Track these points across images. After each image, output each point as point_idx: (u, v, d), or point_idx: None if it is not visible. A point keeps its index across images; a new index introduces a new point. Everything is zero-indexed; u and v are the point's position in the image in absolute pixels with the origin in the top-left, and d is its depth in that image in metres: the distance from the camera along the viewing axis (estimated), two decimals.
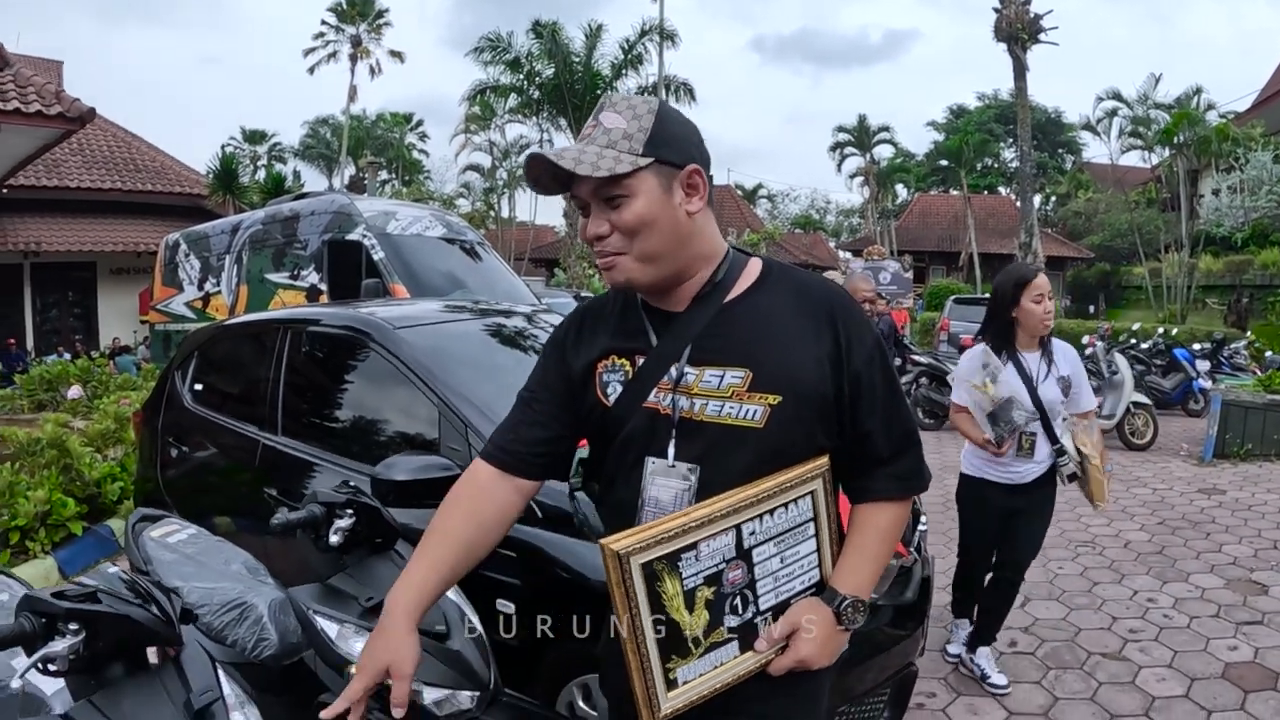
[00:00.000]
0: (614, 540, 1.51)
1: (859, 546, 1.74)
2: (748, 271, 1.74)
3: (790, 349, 1.65)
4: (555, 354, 1.82)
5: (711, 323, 1.68)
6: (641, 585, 1.53)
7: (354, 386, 3.90)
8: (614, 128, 1.60)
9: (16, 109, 12.82)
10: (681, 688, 1.59)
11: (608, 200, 1.60)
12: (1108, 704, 4.06)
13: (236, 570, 2.83)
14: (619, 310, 1.78)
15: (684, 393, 1.65)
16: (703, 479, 1.62)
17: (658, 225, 1.61)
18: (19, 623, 1.65)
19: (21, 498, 6.36)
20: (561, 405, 1.78)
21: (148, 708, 1.70)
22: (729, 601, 1.61)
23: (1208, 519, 7.27)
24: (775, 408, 1.61)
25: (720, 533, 1.58)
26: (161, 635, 1.76)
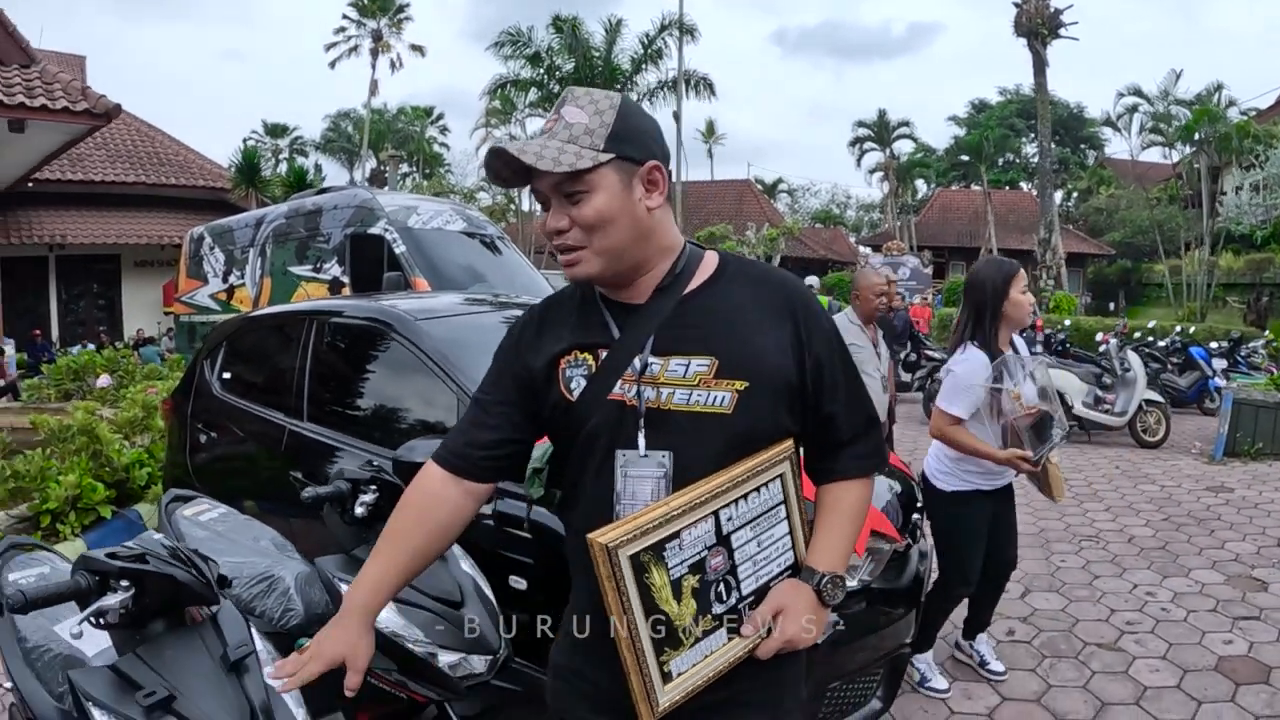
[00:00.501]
0: (600, 534, 1.52)
1: (829, 526, 1.79)
2: (705, 264, 1.77)
3: (753, 336, 1.69)
4: (509, 355, 1.83)
5: (673, 313, 1.70)
6: (631, 578, 1.54)
7: (377, 375, 4.07)
8: (575, 122, 1.62)
9: (44, 105, 13.05)
10: (676, 680, 1.60)
11: (568, 195, 1.62)
12: (1099, 692, 4.18)
13: (265, 546, 3.02)
14: (577, 306, 1.79)
15: (649, 383, 1.67)
16: (676, 466, 1.65)
17: (618, 221, 1.63)
18: (75, 579, 1.83)
19: (53, 482, 6.57)
20: (514, 407, 1.79)
21: (188, 659, 1.87)
22: (713, 589, 1.63)
23: (1213, 516, 7.36)
24: (742, 393, 1.65)
25: (700, 520, 1.61)
26: (201, 595, 1.92)
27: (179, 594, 1.90)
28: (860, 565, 3.27)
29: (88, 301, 25.79)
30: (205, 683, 1.84)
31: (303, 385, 4.19)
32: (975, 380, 3.81)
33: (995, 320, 3.89)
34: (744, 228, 31.52)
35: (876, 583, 3.36)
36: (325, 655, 1.70)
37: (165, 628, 1.92)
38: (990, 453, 3.81)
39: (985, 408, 3.85)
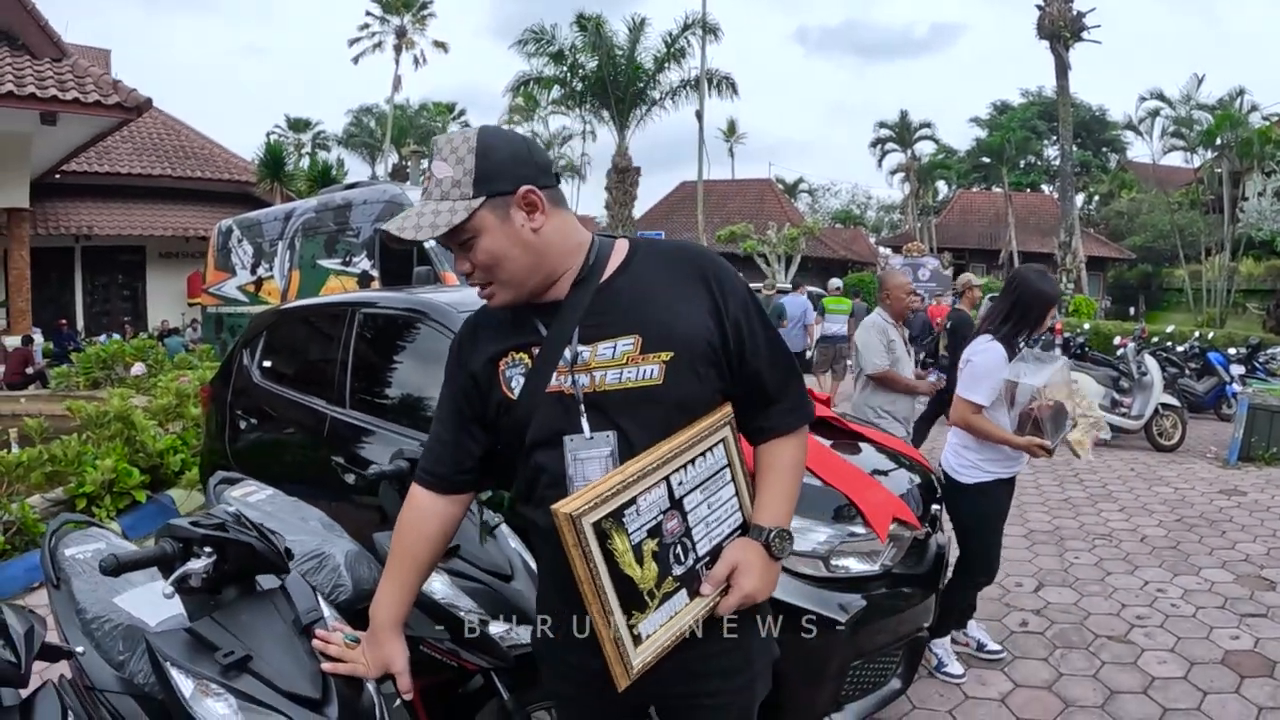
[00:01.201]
0: (564, 504, 1.60)
1: (770, 483, 1.89)
2: (616, 252, 1.86)
3: (671, 308, 1.78)
4: (454, 370, 1.95)
5: (593, 301, 1.79)
6: (596, 545, 1.61)
7: (417, 365, 4.22)
8: (444, 177, 1.70)
9: (75, 99, 13.27)
10: (646, 641, 1.68)
11: (461, 245, 1.74)
12: (1108, 681, 4.31)
13: (313, 526, 3.17)
14: (508, 313, 1.86)
15: (582, 370, 1.76)
16: (621, 443, 1.74)
17: (509, 253, 1.72)
18: (160, 546, 1.97)
19: (89, 467, 6.75)
20: (472, 418, 1.91)
21: (262, 623, 2.00)
22: (672, 551, 1.72)
23: (1225, 518, 7.45)
24: (669, 363, 1.74)
25: (653, 485, 1.69)
26: (274, 563, 2.07)
27: (254, 562, 2.04)
28: (883, 551, 3.41)
29: (113, 292, 26.01)
30: (278, 645, 1.97)
31: (344, 373, 4.34)
32: (997, 368, 4.04)
33: (1031, 330, 4.19)
34: (764, 227, 31.51)
35: (897, 568, 3.50)
36: (371, 667, 1.97)
37: (238, 594, 2.06)
38: (1009, 439, 4.06)
39: (1002, 397, 4.07)
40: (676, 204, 43.95)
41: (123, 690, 2.35)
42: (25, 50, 14.09)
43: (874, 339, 6.11)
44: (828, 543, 3.29)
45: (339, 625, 2.11)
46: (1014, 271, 4.60)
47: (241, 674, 1.91)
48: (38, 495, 6.53)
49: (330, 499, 3.91)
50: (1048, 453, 4.06)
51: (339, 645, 1.98)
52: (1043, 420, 4.00)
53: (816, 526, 3.30)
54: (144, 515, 6.93)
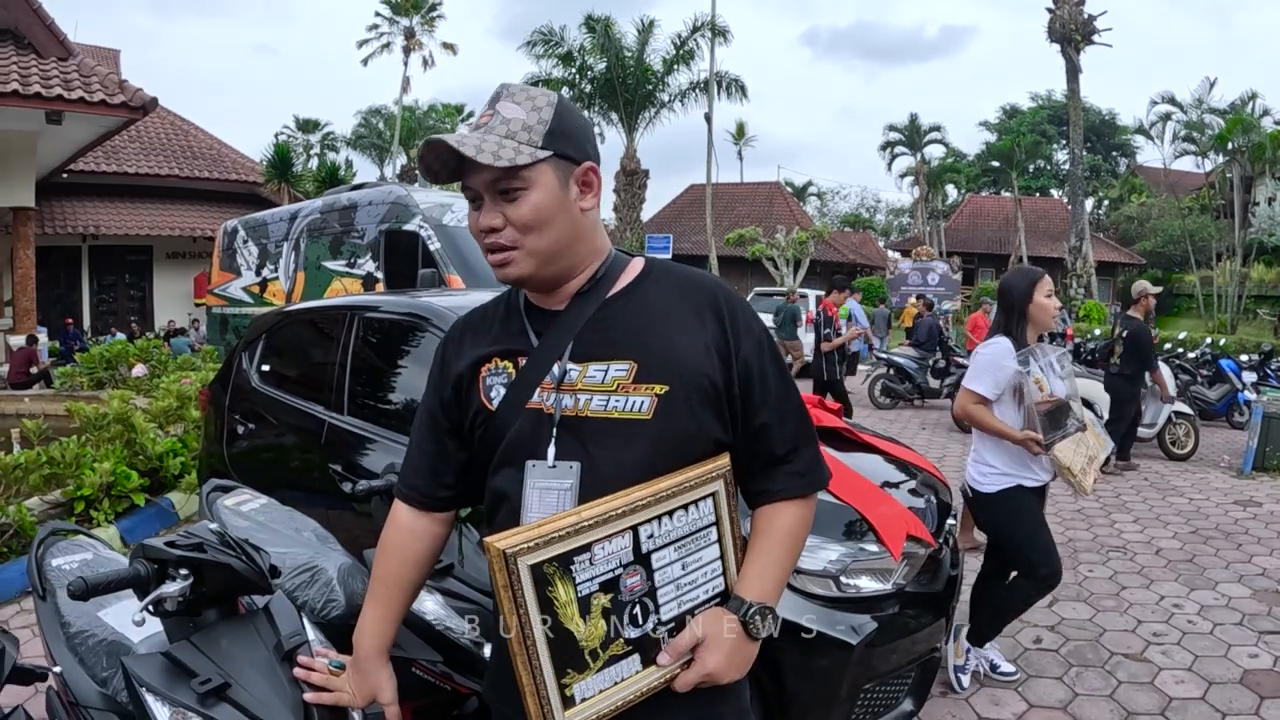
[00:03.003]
0: (499, 538, 1.43)
1: (764, 550, 1.67)
2: (629, 269, 1.72)
3: (675, 337, 1.62)
4: (438, 374, 1.81)
5: (594, 318, 1.65)
6: (531, 590, 1.43)
7: (418, 371, 4.12)
8: (513, 118, 1.56)
9: (81, 98, 13.26)
10: (579, 705, 1.49)
11: (503, 193, 1.56)
12: (1125, 702, 4.20)
13: (307, 537, 3.07)
14: (501, 316, 1.76)
15: (568, 390, 1.61)
16: (586, 478, 1.57)
17: (554, 221, 1.58)
18: (134, 567, 1.88)
19: (88, 469, 6.68)
20: (450, 429, 1.77)
21: (242, 648, 1.91)
22: (628, 610, 1.52)
23: (1241, 530, 7.35)
24: (662, 397, 1.57)
25: (616, 534, 1.50)
26: (256, 584, 1.97)
27: (234, 583, 1.95)
28: (896, 569, 3.31)
29: (119, 291, 26.12)
30: (259, 671, 1.88)
31: (344, 379, 4.25)
32: (1001, 361, 4.09)
33: (1022, 321, 4.18)
34: (773, 230, 31.45)
35: (911, 586, 3.40)
36: (358, 695, 1.83)
37: (218, 616, 1.96)
38: (1007, 432, 4.07)
39: (1010, 391, 4.10)
40: (685, 207, 43.95)
41: (105, 707, 2.29)
42: (31, 49, 14.09)
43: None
44: (839, 561, 3.19)
45: (323, 651, 1.99)
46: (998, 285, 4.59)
47: (219, 701, 1.83)
48: (36, 498, 6.49)
49: (328, 507, 3.82)
50: (1043, 448, 4.03)
51: (323, 673, 1.86)
52: (1035, 415, 4.02)
53: (827, 544, 3.20)
54: (143, 519, 6.88)
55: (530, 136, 1.55)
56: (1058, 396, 4.08)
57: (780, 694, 1.73)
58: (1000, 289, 4.37)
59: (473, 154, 1.50)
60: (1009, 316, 4.23)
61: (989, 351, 4.17)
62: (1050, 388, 4.08)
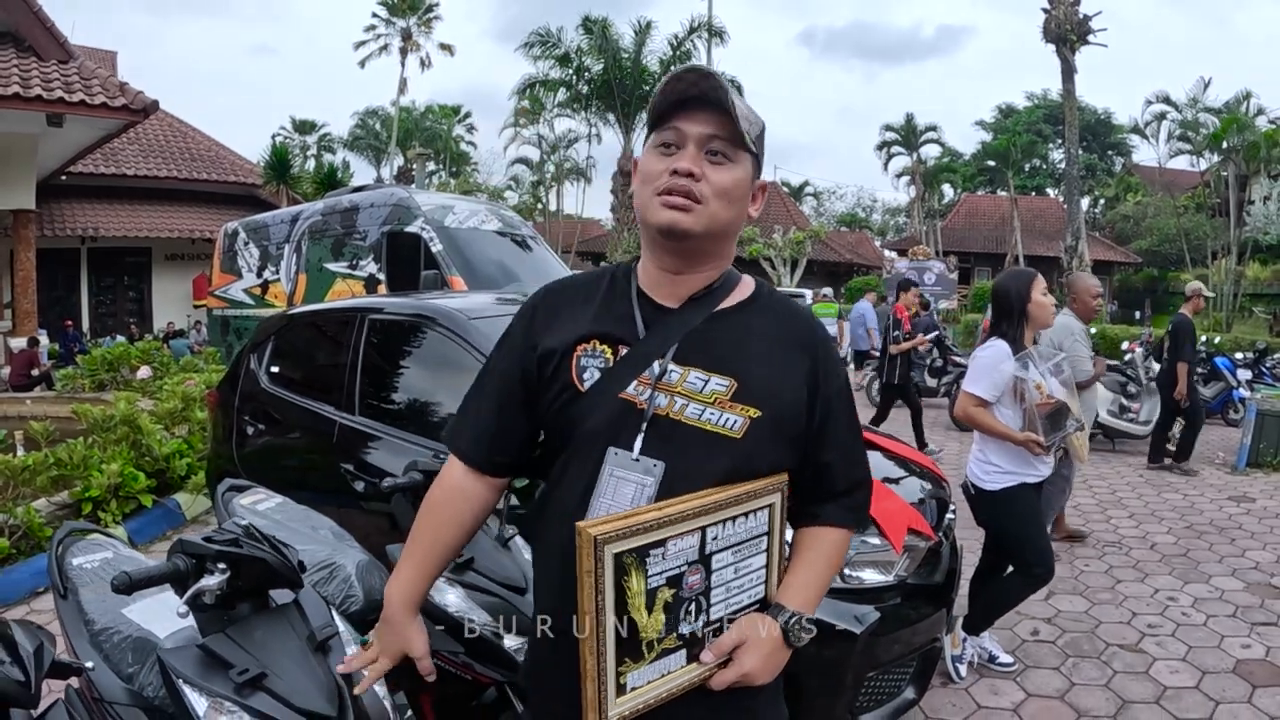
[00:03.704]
0: (591, 524, 1.46)
1: (808, 565, 1.74)
2: (740, 288, 1.75)
3: (775, 367, 1.66)
4: (520, 339, 1.77)
5: (702, 326, 1.67)
6: (611, 577, 1.46)
7: (429, 372, 4.21)
8: (739, 106, 1.60)
9: (82, 101, 13.26)
10: (629, 694, 1.52)
11: (712, 154, 1.59)
12: (1121, 691, 4.29)
13: (324, 535, 3.15)
14: (603, 294, 1.75)
15: (664, 390, 1.62)
16: (666, 479, 1.59)
17: (736, 203, 1.63)
18: (173, 562, 1.95)
19: (95, 471, 6.73)
20: (525, 399, 1.75)
21: (276, 639, 1.99)
22: (684, 607, 1.56)
23: (1234, 525, 7.44)
24: (754, 421, 1.61)
25: (688, 533, 1.54)
26: (288, 578, 2.05)
27: (268, 577, 2.02)
28: (898, 561, 3.40)
29: (118, 293, 26.08)
30: (293, 661, 1.95)
31: (354, 380, 4.33)
32: (999, 364, 4.17)
33: (1021, 321, 4.26)
34: (770, 230, 31.52)
35: (912, 578, 3.49)
36: (387, 654, 1.83)
37: (251, 610, 2.04)
38: (1009, 433, 4.15)
39: (1010, 393, 4.17)
40: None
41: (132, 703, 2.32)
42: (32, 52, 14.10)
43: (1080, 348, 6.16)
44: None
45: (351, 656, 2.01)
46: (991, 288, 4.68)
47: (256, 691, 1.90)
48: (43, 499, 6.51)
49: (339, 506, 3.89)
50: (1044, 449, 4.12)
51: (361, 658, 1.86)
52: (1036, 417, 4.10)
53: None
54: (150, 519, 6.93)
55: (749, 128, 1.61)
56: (1057, 398, 4.16)
57: (786, 682, 1.78)
58: (995, 292, 4.43)
59: (729, 106, 1.57)
60: (1006, 319, 4.30)
61: (986, 355, 4.26)
62: (1049, 390, 4.16)
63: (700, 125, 1.59)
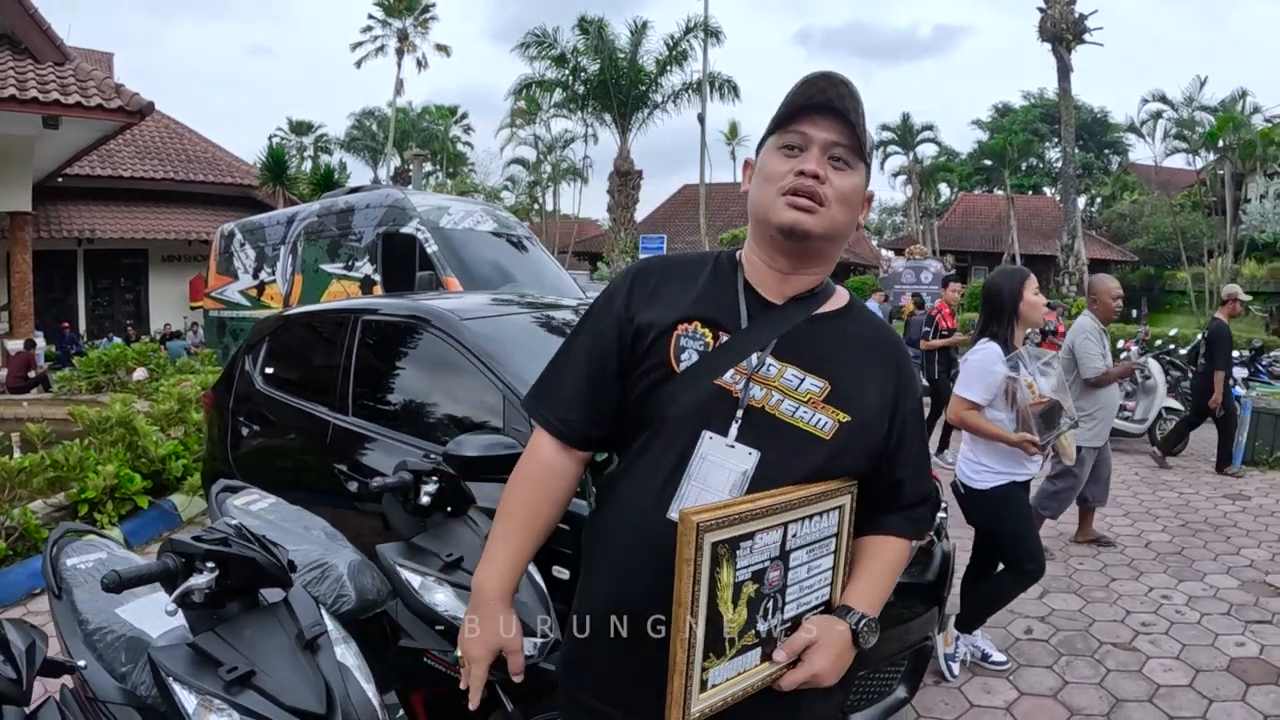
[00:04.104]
0: (694, 511, 1.44)
1: (874, 571, 1.75)
2: (837, 296, 1.79)
3: (865, 376, 1.70)
4: (620, 308, 1.75)
5: (803, 325, 1.70)
6: (708, 568, 1.44)
7: (421, 372, 4.22)
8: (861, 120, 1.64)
9: (78, 103, 13.27)
10: (710, 691, 1.50)
11: (835, 160, 1.63)
12: (1114, 689, 4.31)
13: (316, 535, 3.16)
14: (709, 279, 1.76)
15: (760, 382, 1.63)
16: (759, 469, 1.59)
17: (854, 209, 1.67)
18: (163, 561, 1.96)
19: (91, 472, 6.73)
20: (617, 371, 1.73)
21: (266, 638, 2.00)
22: (764, 604, 1.55)
23: (1229, 523, 7.46)
24: (843, 425, 1.64)
25: (773, 528, 1.53)
26: (277, 577, 2.06)
27: (257, 576, 2.03)
28: None
29: (115, 295, 26.09)
30: (282, 659, 1.97)
31: (348, 381, 4.33)
32: (990, 366, 4.17)
33: (1013, 320, 4.28)
34: None
35: (903, 577, 3.49)
36: (483, 657, 1.77)
37: (241, 609, 2.05)
38: (1003, 435, 4.16)
39: (1002, 395, 4.18)
40: (679, 207, 43.96)
41: (125, 702, 2.34)
42: (28, 54, 14.10)
43: (1091, 346, 6.23)
44: None
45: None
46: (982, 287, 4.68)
47: (245, 689, 1.91)
48: (40, 501, 6.53)
49: (333, 507, 3.89)
50: (1038, 449, 4.13)
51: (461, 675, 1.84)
52: (1030, 416, 4.11)
53: None
54: (146, 521, 6.93)
55: (867, 144, 1.66)
56: (1049, 397, 4.17)
57: None
58: (986, 292, 4.43)
59: (853, 119, 1.61)
60: (996, 319, 4.31)
61: (977, 357, 4.27)
62: (1040, 389, 4.17)
63: (826, 131, 1.62)
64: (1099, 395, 6.25)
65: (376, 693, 2.10)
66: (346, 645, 2.16)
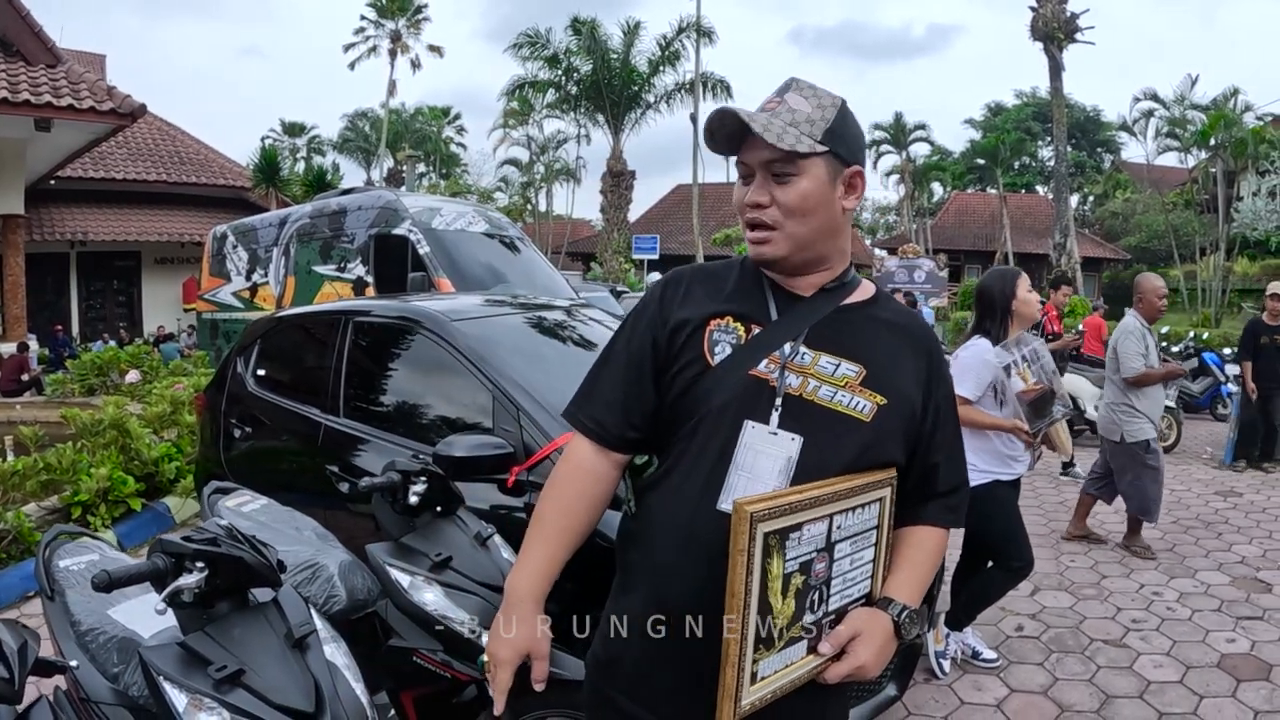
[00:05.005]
0: (747, 501, 1.45)
1: (914, 562, 1.76)
2: (863, 288, 1.80)
3: (898, 361, 1.72)
4: (653, 315, 1.78)
5: (831, 315, 1.71)
6: (760, 559, 1.45)
7: (412, 374, 4.23)
8: (798, 109, 1.62)
9: (70, 105, 13.26)
10: (759, 682, 1.50)
11: (776, 175, 1.62)
12: (1104, 686, 4.32)
13: (307, 536, 3.17)
14: (736, 279, 1.78)
15: (795, 370, 1.65)
16: (804, 454, 1.60)
17: (816, 212, 1.64)
18: (153, 561, 1.97)
19: (84, 475, 6.73)
20: (653, 373, 1.75)
21: (255, 637, 2.01)
22: (811, 595, 1.55)
23: (1221, 520, 7.49)
24: (881, 408, 1.65)
25: (820, 519, 1.54)
26: (266, 577, 2.07)
27: (246, 576, 2.04)
28: None
29: (108, 298, 26.11)
30: (271, 658, 1.98)
31: (339, 382, 4.33)
32: (982, 358, 4.23)
33: (1006, 319, 4.33)
34: None
35: None
36: (509, 660, 1.75)
37: (230, 608, 2.05)
38: (999, 422, 4.21)
39: (991, 394, 4.24)
40: (672, 207, 44.04)
41: (117, 702, 2.34)
42: (20, 56, 14.10)
43: (1131, 345, 6.31)
44: None
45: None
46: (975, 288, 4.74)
47: (234, 688, 1.92)
48: (33, 504, 6.52)
49: (324, 508, 3.90)
50: (1029, 436, 4.18)
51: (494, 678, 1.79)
52: (1020, 404, 4.16)
53: None
54: (139, 523, 6.93)
55: (812, 130, 1.62)
56: (1042, 385, 4.20)
57: None
58: (980, 292, 4.48)
59: (759, 130, 1.58)
60: (989, 317, 4.36)
61: (968, 354, 4.30)
62: (1032, 378, 4.21)
63: (757, 153, 1.62)
64: (1147, 391, 6.37)
65: (365, 691, 2.10)
66: (335, 644, 2.17)
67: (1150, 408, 6.36)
